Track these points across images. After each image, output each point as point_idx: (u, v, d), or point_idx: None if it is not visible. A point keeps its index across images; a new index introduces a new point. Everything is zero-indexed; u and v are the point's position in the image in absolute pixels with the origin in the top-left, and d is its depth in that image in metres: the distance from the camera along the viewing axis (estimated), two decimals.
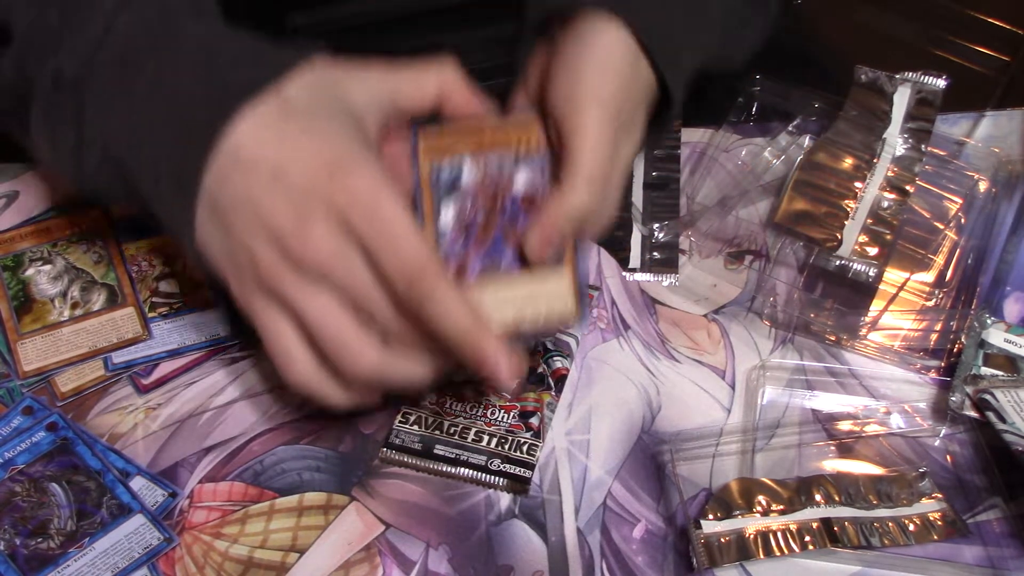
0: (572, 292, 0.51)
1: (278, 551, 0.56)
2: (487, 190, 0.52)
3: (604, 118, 0.51)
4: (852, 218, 0.65)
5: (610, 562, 0.56)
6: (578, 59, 0.52)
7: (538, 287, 0.51)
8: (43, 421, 0.60)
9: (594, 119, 0.50)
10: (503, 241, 0.52)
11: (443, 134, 0.53)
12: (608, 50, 0.52)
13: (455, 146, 0.53)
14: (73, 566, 0.55)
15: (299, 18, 0.76)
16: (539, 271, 0.51)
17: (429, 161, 0.53)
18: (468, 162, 0.53)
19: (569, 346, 0.62)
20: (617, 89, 0.52)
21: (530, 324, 0.50)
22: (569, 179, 0.50)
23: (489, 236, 0.52)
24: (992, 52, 0.76)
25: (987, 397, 0.57)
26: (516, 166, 0.53)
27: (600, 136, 0.50)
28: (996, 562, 0.55)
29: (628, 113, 0.53)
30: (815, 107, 0.70)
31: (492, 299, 0.50)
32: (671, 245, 0.67)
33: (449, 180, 0.52)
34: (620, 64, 0.52)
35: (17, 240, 0.67)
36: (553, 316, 0.51)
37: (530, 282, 0.51)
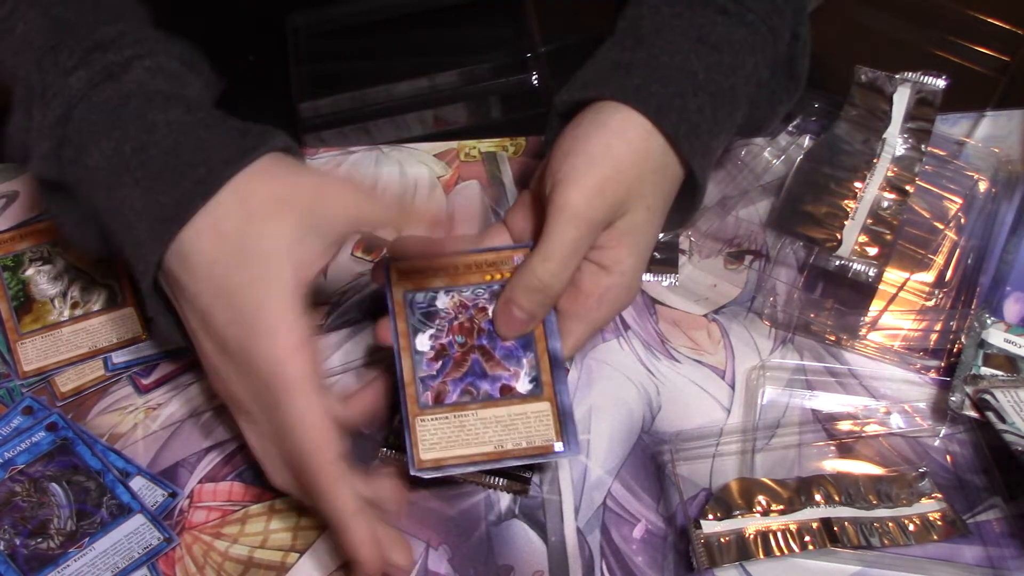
0: (553, 418, 0.52)
1: (278, 551, 0.56)
2: (462, 317, 0.54)
3: (581, 202, 0.51)
4: (852, 218, 0.65)
5: (610, 562, 0.56)
6: (576, 144, 0.53)
7: (519, 412, 0.51)
8: (43, 421, 0.60)
9: (571, 202, 0.51)
10: (482, 365, 0.52)
11: (416, 268, 0.54)
12: (607, 140, 0.53)
13: (428, 279, 0.54)
14: (73, 566, 0.55)
15: (299, 18, 0.76)
16: (520, 400, 0.52)
17: (402, 290, 0.54)
18: (441, 292, 0.54)
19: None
20: (607, 175, 0.52)
21: (512, 449, 0.51)
22: (535, 252, 0.52)
23: (467, 362, 0.52)
24: (992, 52, 0.76)
25: (987, 397, 0.57)
26: (492, 295, 0.54)
27: (573, 218, 0.51)
28: (996, 562, 0.55)
29: (621, 201, 0.53)
30: (815, 107, 0.70)
31: (472, 425, 0.51)
32: (671, 245, 0.67)
33: (423, 307, 0.53)
34: (619, 154, 0.52)
35: (17, 240, 0.67)
36: (535, 443, 0.51)
37: (510, 408, 0.51)
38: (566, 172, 0.52)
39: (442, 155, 0.73)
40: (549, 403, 0.52)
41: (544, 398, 0.52)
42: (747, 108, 0.58)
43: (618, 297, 0.55)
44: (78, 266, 0.66)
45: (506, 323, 0.53)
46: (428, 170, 0.72)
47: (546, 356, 0.53)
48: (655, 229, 0.56)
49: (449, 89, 0.72)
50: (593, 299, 0.54)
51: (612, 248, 0.54)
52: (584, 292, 0.54)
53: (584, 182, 0.51)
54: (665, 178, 0.55)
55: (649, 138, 0.53)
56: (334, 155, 0.73)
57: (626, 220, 0.53)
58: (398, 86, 0.71)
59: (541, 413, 0.52)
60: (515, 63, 0.71)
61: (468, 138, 0.73)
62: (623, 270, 0.54)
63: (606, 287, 0.54)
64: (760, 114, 0.60)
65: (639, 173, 0.53)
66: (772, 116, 0.62)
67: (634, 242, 0.54)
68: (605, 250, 0.54)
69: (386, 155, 0.73)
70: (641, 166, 0.53)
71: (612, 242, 0.54)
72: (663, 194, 0.55)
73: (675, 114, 0.53)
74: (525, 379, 0.53)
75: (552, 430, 0.51)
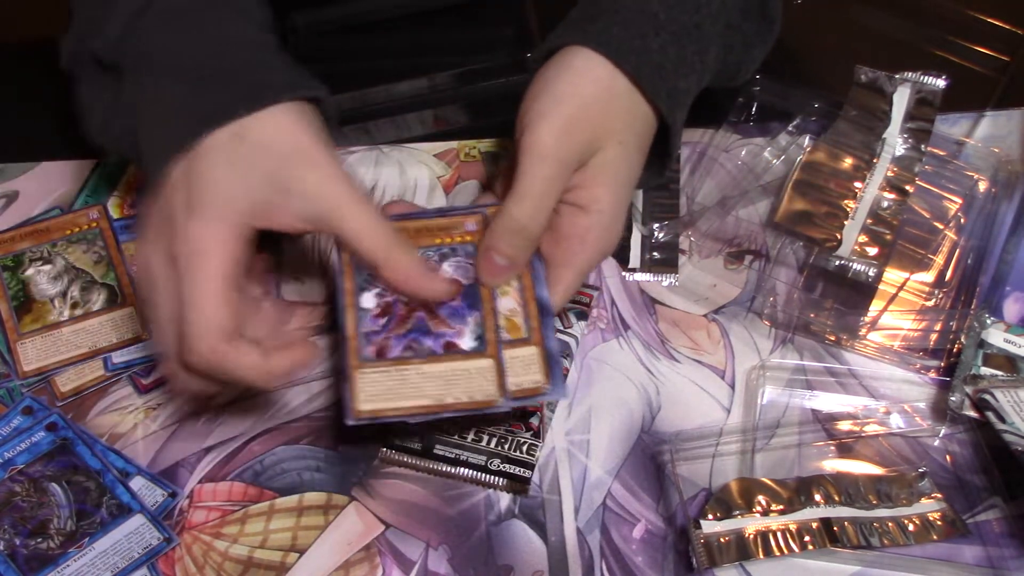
0: (541, 363, 0.52)
1: (278, 551, 0.56)
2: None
3: (549, 140, 0.51)
4: (852, 218, 0.65)
5: (610, 562, 0.56)
6: (541, 87, 0.53)
7: (461, 368, 0.51)
8: (43, 421, 0.60)
9: (540, 141, 0.51)
10: (426, 323, 0.52)
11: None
12: (571, 79, 0.53)
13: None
14: (73, 566, 0.55)
15: (299, 18, 0.76)
16: (463, 356, 0.52)
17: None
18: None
19: (569, 346, 0.62)
20: (573, 114, 0.52)
21: (452, 403, 0.50)
22: (509, 195, 0.52)
23: (411, 319, 0.52)
24: (992, 52, 0.76)
25: (987, 397, 0.57)
26: (442, 257, 0.54)
27: (543, 156, 0.51)
28: (996, 562, 0.55)
29: (590, 139, 0.53)
30: (815, 107, 0.70)
31: (413, 379, 0.51)
32: (671, 245, 0.67)
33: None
34: (584, 92, 0.53)
35: (17, 240, 0.67)
36: (475, 398, 0.51)
37: (452, 364, 0.51)
38: (533, 115, 0.52)
39: (442, 155, 0.73)
40: (536, 348, 0.52)
41: (532, 343, 0.52)
42: (720, 51, 0.58)
43: (600, 237, 0.54)
44: (78, 266, 0.66)
45: (488, 270, 0.53)
46: (428, 170, 0.72)
47: (533, 303, 0.53)
48: (632, 167, 0.55)
49: (449, 89, 0.72)
50: (575, 241, 0.54)
51: (588, 187, 0.53)
52: (565, 235, 0.54)
53: (551, 121, 0.52)
54: (636, 118, 0.55)
55: (614, 78, 0.53)
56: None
57: (598, 157, 0.53)
58: (398, 86, 0.71)
59: (484, 370, 0.51)
60: (515, 63, 0.71)
61: (468, 138, 0.73)
62: (601, 208, 0.53)
63: (586, 227, 0.54)
64: (735, 58, 0.60)
65: (606, 110, 0.53)
66: (748, 60, 0.62)
67: (610, 179, 0.54)
68: (581, 190, 0.54)
69: (386, 155, 0.73)
70: (608, 104, 0.53)
71: (587, 181, 0.53)
72: (636, 133, 0.55)
73: (635, 56, 0.53)
74: (469, 336, 0.52)
75: (540, 374, 0.51)
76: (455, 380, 0.51)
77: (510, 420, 0.60)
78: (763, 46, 0.62)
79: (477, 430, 0.59)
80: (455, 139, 0.73)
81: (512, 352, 0.52)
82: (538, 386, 0.51)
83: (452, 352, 0.52)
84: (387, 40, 0.76)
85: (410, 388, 0.51)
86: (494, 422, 0.59)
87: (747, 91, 0.72)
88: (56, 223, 0.68)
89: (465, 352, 0.52)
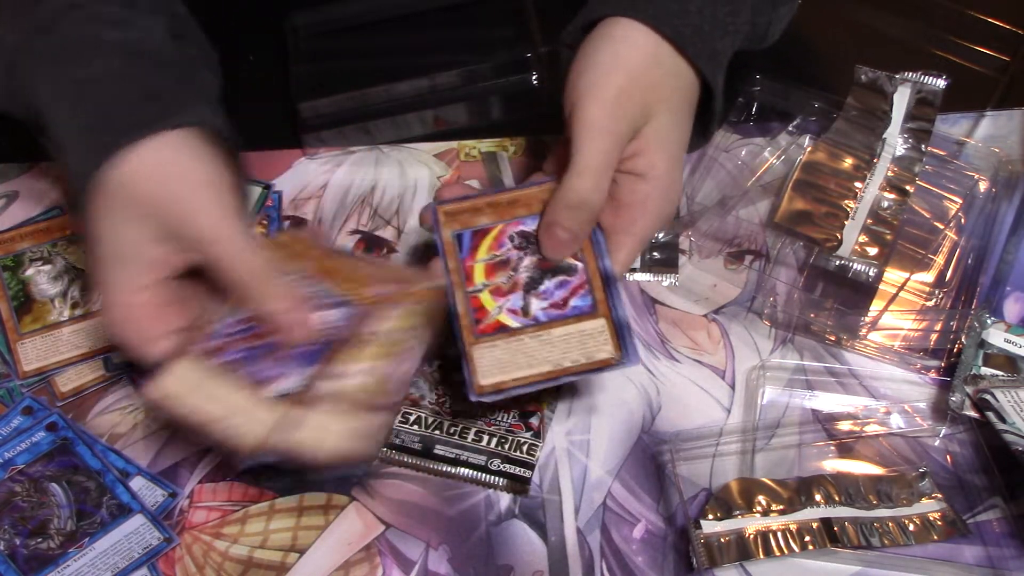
0: (611, 334, 0.52)
1: (278, 551, 0.56)
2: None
3: (602, 113, 0.51)
4: (852, 218, 0.65)
5: (610, 562, 0.56)
6: (586, 61, 0.53)
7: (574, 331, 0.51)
8: (43, 421, 0.60)
9: (592, 115, 0.51)
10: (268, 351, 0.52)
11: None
12: (615, 49, 0.53)
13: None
14: (73, 566, 0.55)
15: (299, 18, 0.76)
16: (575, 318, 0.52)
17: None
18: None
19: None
20: (622, 84, 0.52)
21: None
22: (568, 171, 0.51)
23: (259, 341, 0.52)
24: (992, 52, 0.76)
25: (987, 397, 0.57)
26: (331, 304, 0.53)
27: (598, 130, 0.51)
28: (996, 562, 0.55)
29: (641, 108, 0.53)
30: (815, 107, 0.70)
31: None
32: (671, 245, 0.67)
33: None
34: (630, 61, 0.53)
35: (17, 240, 0.67)
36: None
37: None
38: (582, 89, 0.52)
39: (442, 155, 0.73)
40: (605, 319, 0.52)
41: (599, 315, 0.52)
42: (749, 12, 0.58)
43: (658, 203, 0.54)
44: (78, 266, 0.66)
45: (551, 246, 0.53)
46: (428, 170, 0.72)
47: (598, 276, 0.53)
48: (683, 133, 0.56)
49: (449, 89, 0.72)
50: (636, 209, 0.54)
51: (644, 155, 0.53)
52: (624, 204, 0.54)
53: (602, 94, 0.52)
54: (681, 82, 0.55)
55: (656, 45, 0.54)
56: (334, 155, 0.73)
57: (652, 125, 0.53)
58: (398, 86, 0.71)
59: (596, 330, 0.52)
60: (515, 63, 0.71)
61: (468, 138, 0.73)
62: (658, 175, 0.53)
63: (645, 194, 0.54)
64: (764, 20, 0.60)
65: (653, 78, 0.53)
66: (776, 20, 0.62)
67: (664, 146, 0.54)
68: (637, 158, 0.54)
69: (386, 155, 0.73)
70: (654, 71, 0.53)
71: (643, 148, 0.53)
72: (683, 98, 0.55)
73: (675, 18, 0.54)
74: (286, 383, 0.51)
75: (610, 344, 0.51)
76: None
77: (510, 420, 0.60)
78: (789, 2, 0.62)
79: (477, 430, 0.59)
80: (455, 139, 0.73)
81: (580, 325, 0.52)
82: (611, 356, 0.51)
83: (259, 388, 0.51)
84: (387, 40, 0.76)
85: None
86: (494, 422, 0.59)
87: (747, 91, 0.72)
88: (56, 223, 0.68)
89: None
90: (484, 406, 0.57)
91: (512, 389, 0.51)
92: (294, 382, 0.51)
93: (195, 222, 0.50)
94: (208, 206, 0.50)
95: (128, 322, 0.51)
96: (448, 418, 0.60)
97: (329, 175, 0.72)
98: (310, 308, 0.52)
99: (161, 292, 0.51)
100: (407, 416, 0.60)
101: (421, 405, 0.60)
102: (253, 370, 0.51)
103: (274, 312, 0.51)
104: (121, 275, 0.51)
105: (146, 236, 0.50)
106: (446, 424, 0.60)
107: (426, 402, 0.60)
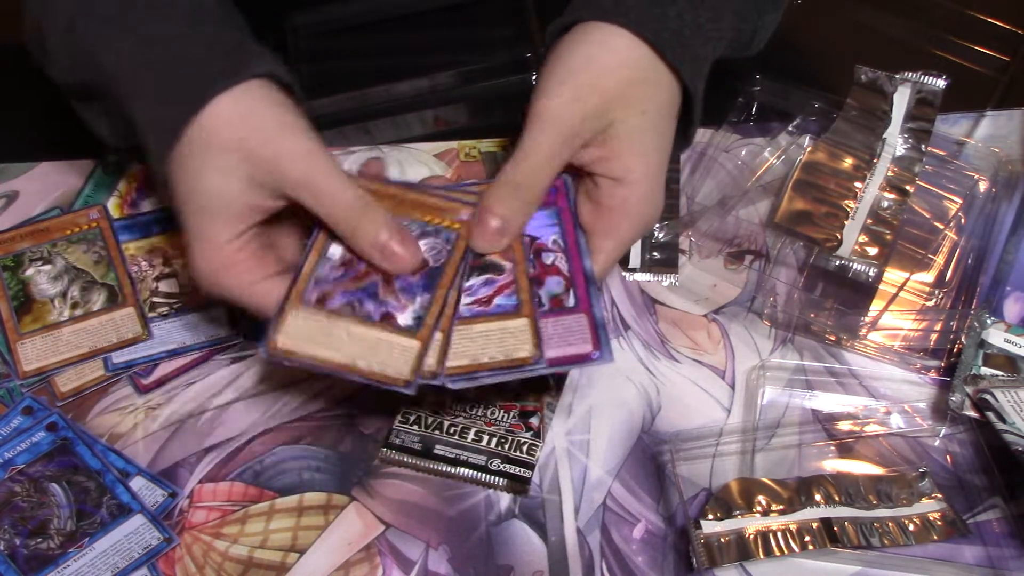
0: (591, 331, 0.51)
1: (278, 551, 0.56)
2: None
3: (554, 105, 0.51)
4: (852, 218, 0.65)
5: (610, 562, 0.56)
6: (556, 61, 0.53)
7: (385, 339, 0.51)
8: (43, 421, 0.60)
9: (545, 106, 0.51)
10: (377, 288, 0.52)
11: (368, 191, 0.54)
12: (588, 51, 0.53)
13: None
14: (73, 566, 0.55)
15: (299, 18, 0.76)
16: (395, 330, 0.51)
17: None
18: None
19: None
20: (583, 81, 0.52)
21: (363, 368, 0.50)
22: (509, 159, 0.52)
23: (364, 281, 0.52)
24: (992, 52, 0.76)
25: (987, 397, 0.57)
26: (423, 235, 0.53)
27: (546, 120, 0.51)
28: (996, 562, 0.55)
29: (601, 107, 0.52)
30: (815, 107, 0.70)
31: (338, 335, 0.51)
32: (671, 245, 0.67)
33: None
34: (600, 62, 0.53)
35: (17, 240, 0.67)
36: (386, 372, 0.50)
37: (380, 333, 0.51)
38: (544, 85, 0.52)
39: (442, 155, 0.73)
40: (585, 316, 0.52)
41: (523, 314, 0.52)
42: (733, 18, 0.58)
43: (639, 207, 0.54)
44: (78, 266, 0.66)
45: (480, 234, 0.53)
46: (428, 170, 0.72)
47: (581, 274, 0.53)
48: (661, 135, 0.55)
49: (449, 89, 0.72)
50: (616, 213, 0.54)
51: (619, 158, 0.53)
52: (605, 207, 0.54)
53: (560, 90, 0.52)
54: (659, 87, 0.54)
55: (634, 48, 0.53)
56: (334, 155, 0.73)
57: (622, 127, 0.53)
58: (398, 86, 0.71)
59: (518, 328, 0.51)
60: (515, 63, 0.71)
61: (468, 138, 0.73)
62: (636, 178, 0.53)
63: (624, 197, 0.54)
64: (748, 27, 0.60)
65: (624, 79, 0.53)
66: (761, 28, 0.62)
67: (639, 148, 0.54)
68: (613, 161, 0.53)
69: (386, 155, 0.73)
70: (626, 73, 0.53)
71: (617, 152, 0.53)
72: (660, 102, 0.55)
73: (655, 22, 0.53)
74: (409, 315, 0.51)
75: (530, 344, 0.51)
76: (375, 348, 0.51)
77: (510, 420, 0.60)
78: (775, 11, 0.62)
79: (477, 430, 0.59)
80: (455, 139, 0.73)
81: (558, 320, 0.52)
82: (529, 355, 0.51)
83: (386, 323, 0.51)
84: (387, 40, 0.76)
85: (332, 341, 0.51)
86: (494, 422, 0.59)
87: (747, 91, 0.72)
88: (56, 223, 0.68)
89: (398, 327, 0.51)
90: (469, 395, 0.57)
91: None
92: (416, 311, 0.51)
93: (288, 164, 0.50)
94: (297, 147, 0.50)
95: (227, 269, 0.51)
96: (448, 418, 0.60)
97: None
98: (411, 237, 0.52)
99: (255, 239, 0.52)
100: (407, 416, 0.60)
101: (421, 405, 0.60)
102: (371, 309, 0.51)
103: (382, 243, 0.51)
104: (214, 226, 0.51)
105: (236, 185, 0.50)
106: (446, 424, 0.60)
107: (426, 402, 0.60)
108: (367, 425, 0.61)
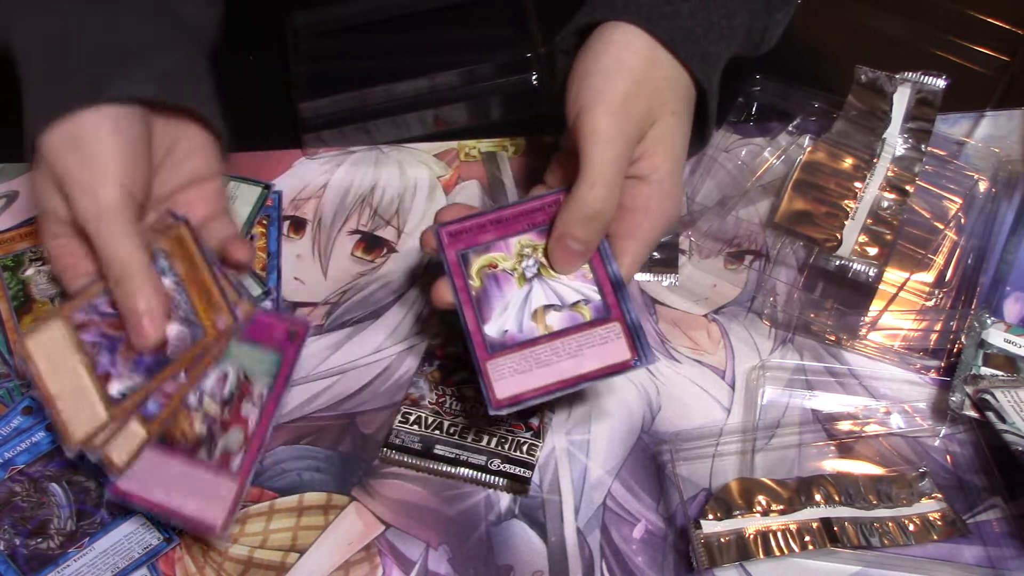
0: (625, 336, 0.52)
1: (278, 551, 0.56)
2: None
3: (610, 120, 0.51)
4: (852, 218, 0.65)
5: (610, 562, 0.56)
6: (587, 67, 0.53)
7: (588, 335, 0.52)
8: (43, 421, 0.59)
9: (600, 123, 0.51)
10: (118, 345, 0.53)
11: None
12: (616, 54, 0.53)
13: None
14: (73, 566, 0.55)
15: (299, 18, 0.76)
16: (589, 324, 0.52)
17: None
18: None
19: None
20: (627, 90, 0.52)
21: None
22: (579, 182, 0.51)
23: (117, 331, 0.53)
24: (992, 52, 0.76)
25: (987, 397, 0.57)
26: (184, 318, 0.54)
27: (607, 138, 0.51)
28: (996, 562, 0.55)
29: (647, 112, 0.53)
30: (815, 107, 0.70)
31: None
32: (671, 245, 0.67)
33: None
34: (631, 66, 0.53)
35: (17, 240, 0.67)
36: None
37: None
38: (587, 96, 0.52)
39: (442, 155, 0.73)
40: (618, 323, 0.52)
41: (612, 319, 0.52)
42: (746, 16, 0.58)
43: (662, 206, 0.54)
44: None
45: (563, 258, 0.53)
46: (428, 170, 0.72)
47: (608, 282, 0.53)
48: (684, 135, 0.56)
49: (449, 89, 0.72)
50: (639, 213, 0.54)
51: (647, 158, 0.53)
52: (628, 208, 0.54)
53: (607, 100, 0.52)
54: (680, 85, 0.55)
55: (652, 48, 0.54)
56: (334, 155, 0.73)
57: (656, 128, 0.53)
58: (398, 86, 0.71)
59: (611, 332, 0.52)
60: (515, 63, 0.71)
61: (468, 138, 0.73)
62: (661, 177, 0.53)
63: (647, 197, 0.54)
64: (760, 24, 0.60)
65: (655, 81, 0.53)
66: (773, 25, 0.62)
67: (667, 148, 0.54)
68: (641, 161, 0.54)
69: (386, 155, 0.73)
70: (654, 74, 0.53)
71: (647, 152, 0.53)
72: (683, 100, 0.55)
73: (667, 20, 0.54)
74: (119, 386, 0.52)
75: (626, 346, 0.51)
76: (79, 396, 0.51)
77: (510, 420, 0.60)
78: (786, 9, 0.62)
79: (477, 430, 0.59)
80: (455, 139, 0.73)
81: (595, 330, 0.52)
82: (628, 358, 0.51)
83: (102, 380, 0.52)
84: (387, 40, 0.76)
85: (60, 362, 0.52)
86: (494, 422, 0.59)
87: (747, 91, 0.72)
88: None
89: (107, 392, 0.52)
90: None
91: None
92: (128, 386, 0.52)
93: (81, 201, 0.52)
94: (102, 185, 0.52)
95: (57, 259, 0.56)
96: (448, 418, 0.60)
97: (329, 175, 0.72)
98: (168, 319, 0.54)
99: (79, 243, 0.55)
100: (407, 416, 0.60)
101: (421, 405, 0.60)
102: (103, 360, 0.52)
103: (135, 312, 0.52)
104: (44, 222, 0.55)
105: (58, 199, 0.54)
106: (446, 424, 0.60)
107: (426, 402, 0.60)
108: (367, 425, 0.61)
